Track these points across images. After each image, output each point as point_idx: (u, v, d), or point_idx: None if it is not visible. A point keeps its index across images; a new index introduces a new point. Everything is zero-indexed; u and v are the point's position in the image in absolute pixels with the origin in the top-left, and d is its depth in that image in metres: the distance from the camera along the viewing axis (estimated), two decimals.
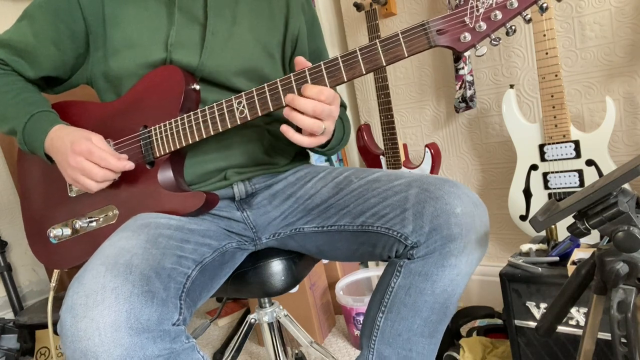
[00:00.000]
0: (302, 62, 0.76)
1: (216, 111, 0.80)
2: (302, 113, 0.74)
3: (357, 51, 0.72)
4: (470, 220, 0.75)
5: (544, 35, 1.20)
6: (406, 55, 0.70)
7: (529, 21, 0.67)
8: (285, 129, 0.76)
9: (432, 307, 0.78)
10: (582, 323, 0.99)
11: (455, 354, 1.27)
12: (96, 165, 0.79)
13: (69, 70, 0.92)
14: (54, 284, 1.00)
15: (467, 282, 0.80)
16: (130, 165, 0.82)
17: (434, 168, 1.57)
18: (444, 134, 1.66)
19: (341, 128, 0.95)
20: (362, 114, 1.85)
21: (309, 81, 0.74)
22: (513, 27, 0.67)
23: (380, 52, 0.71)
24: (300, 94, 0.74)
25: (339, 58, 0.73)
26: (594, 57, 1.33)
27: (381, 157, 1.64)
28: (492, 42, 0.69)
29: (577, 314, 0.99)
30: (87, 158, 0.79)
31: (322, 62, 0.74)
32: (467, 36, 0.68)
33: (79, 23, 0.86)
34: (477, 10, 0.67)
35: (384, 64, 0.72)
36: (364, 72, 0.73)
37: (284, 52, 0.98)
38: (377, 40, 0.71)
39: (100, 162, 0.79)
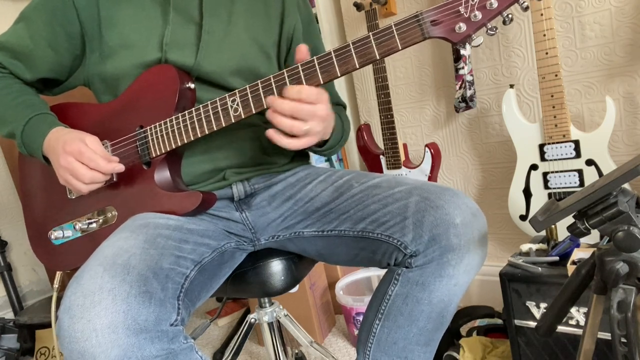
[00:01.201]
0: (304, 50, 0.74)
1: (210, 110, 0.79)
2: (282, 115, 0.72)
3: (350, 45, 0.71)
4: (469, 231, 0.75)
5: (544, 35, 1.20)
6: (400, 48, 0.69)
7: (526, 9, 0.65)
8: (270, 132, 0.74)
9: (428, 317, 0.78)
10: (582, 323, 0.99)
11: (455, 354, 1.27)
12: (85, 166, 0.79)
13: (66, 72, 0.92)
14: (56, 285, 1.00)
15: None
16: (119, 168, 0.82)
17: (434, 168, 1.57)
18: (444, 134, 1.66)
19: (340, 128, 0.95)
20: (362, 114, 1.85)
21: (302, 77, 0.73)
22: (510, 16, 0.65)
23: (374, 45, 0.70)
24: (280, 96, 0.73)
25: (332, 52, 0.72)
26: (594, 56, 1.33)
27: (381, 157, 1.64)
28: (489, 31, 0.67)
29: (577, 313, 0.99)
30: (77, 158, 0.79)
31: (315, 57, 0.73)
32: (462, 26, 0.66)
33: (75, 25, 0.86)
34: (472, 0, 0.66)
35: (378, 57, 0.70)
36: (358, 66, 0.71)
37: (279, 51, 0.98)
38: (370, 33, 0.70)
39: (89, 163, 0.79)
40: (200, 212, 0.85)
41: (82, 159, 0.79)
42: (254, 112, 0.77)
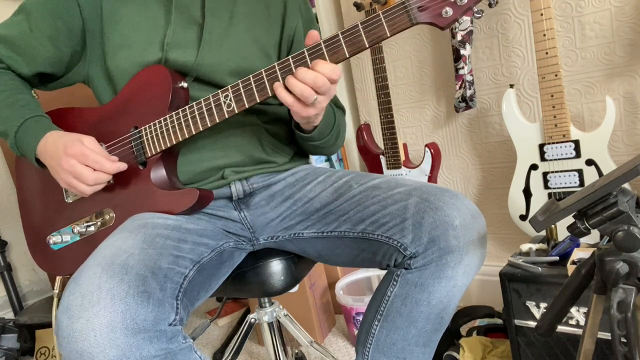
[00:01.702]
0: (314, 35, 0.74)
1: (204, 106, 0.80)
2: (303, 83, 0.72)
3: (339, 35, 0.72)
4: (468, 233, 0.75)
5: (544, 35, 1.20)
6: (388, 35, 0.70)
7: None
8: (276, 84, 0.75)
9: (427, 318, 0.78)
10: (582, 323, 0.99)
11: (455, 354, 1.27)
12: (89, 168, 0.79)
13: (64, 68, 0.91)
14: (57, 291, 1.00)
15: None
16: (123, 166, 0.82)
17: (434, 168, 1.57)
18: (444, 134, 1.66)
19: (332, 117, 0.93)
20: (362, 114, 1.85)
21: (293, 69, 0.74)
22: None
23: (363, 33, 0.71)
24: (311, 67, 0.73)
25: (322, 43, 0.72)
26: (594, 56, 1.32)
27: (381, 156, 1.64)
28: (475, 15, 0.68)
29: (577, 313, 0.99)
30: (81, 161, 0.78)
31: (305, 49, 0.73)
32: (449, 11, 0.67)
33: (77, 21, 0.86)
34: None
35: (367, 46, 0.71)
36: (348, 56, 0.72)
37: (280, 52, 0.98)
38: (358, 22, 0.71)
39: (94, 165, 0.79)
40: (198, 209, 0.85)
41: (87, 161, 0.78)
42: (247, 106, 0.78)
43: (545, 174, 1.29)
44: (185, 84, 0.85)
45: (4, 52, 0.89)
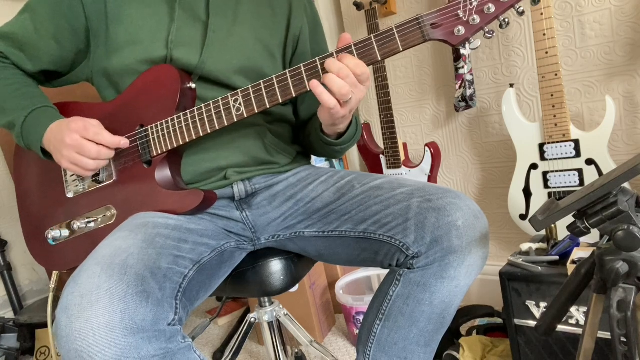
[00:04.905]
0: (346, 38, 0.74)
1: (212, 109, 0.80)
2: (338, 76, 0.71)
3: (352, 46, 0.72)
4: (471, 233, 0.75)
5: (544, 34, 1.20)
6: (401, 50, 0.71)
7: (521, 14, 0.68)
8: (315, 84, 0.72)
9: (429, 318, 0.78)
10: (581, 322, 0.99)
11: (455, 353, 1.27)
12: (90, 141, 0.80)
13: (69, 66, 0.92)
14: (53, 285, 1.00)
15: None
16: (125, 142, 0.83)
17: (434, 167, 1.57)
18: (443, 133, 1.66)
19: (355, 124, 0.93)
20: (362, 114, 1.85)
21: (305, 77, 0.74)
22: (506, 20, 0.68)
23: (376, 47, 0.71)
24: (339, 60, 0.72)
25: (334, 54, 0.73)
26: (594, 56, 1.32)
27: (381, 156, 1.64)
28: (486, 34, 0.69)
29: (577, 313, 0.99)
30: (82, 135, 0.80)
31: (317, 58, 0.73)
32: (461, 30, 0.68)
33: (80, 19, 0.86)
34: (471, 4, 0.68)
35: (379, 59, 0.72)
36: None
37: (285, 53, 0.98)
38: (372, 35, 0.71)
39: (95, 137, 0.80)
40: (201, 210, 0.85)
41: (88, 134, 0.80)
42: (256, 111, 0.78)
43: (545, 174, 1.29)
44: (193, 85, 0.85)
45: (9, 50, 0.89)
